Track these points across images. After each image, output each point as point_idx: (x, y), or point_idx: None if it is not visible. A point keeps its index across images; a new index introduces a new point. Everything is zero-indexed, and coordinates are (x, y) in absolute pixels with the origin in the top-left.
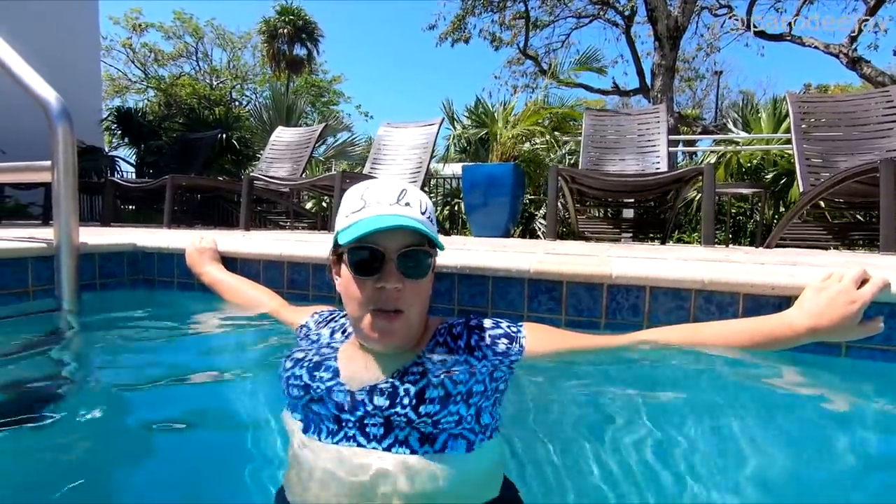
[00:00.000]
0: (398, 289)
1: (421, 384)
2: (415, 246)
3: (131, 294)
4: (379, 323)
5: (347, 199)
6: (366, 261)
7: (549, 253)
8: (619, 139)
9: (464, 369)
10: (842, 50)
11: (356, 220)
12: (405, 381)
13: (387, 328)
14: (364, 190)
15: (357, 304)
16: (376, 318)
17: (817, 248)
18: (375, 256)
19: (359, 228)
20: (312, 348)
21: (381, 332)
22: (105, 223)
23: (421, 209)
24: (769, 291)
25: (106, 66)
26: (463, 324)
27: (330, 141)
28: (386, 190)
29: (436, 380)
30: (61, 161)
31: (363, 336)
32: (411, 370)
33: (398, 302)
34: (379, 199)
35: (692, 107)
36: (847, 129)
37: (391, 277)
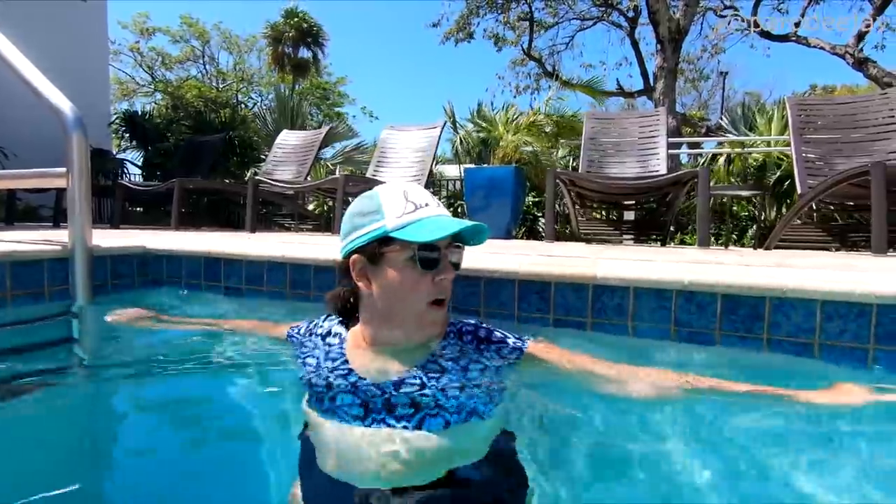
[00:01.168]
0: (450, 280)
1: (443, 380)
2: (456, 242)
3: (141, 294)
4: (435, 314)
5: (389, 199)
6: (435, 259)
7: (542, 255)
8: (619, 142)
9: (475, 368)
10: (848, 50)
11: (415, 219)
12: (430, 375)
13: (442, 317)
14: (403, 191)
15: (416, 299)
16: (433, 309)
17: (817, 250)
18: (438, 254)
19: (431, 228)
20: (319, 354)
21: (437, 322)
22: (115, 226)
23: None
24: (746, 291)
25: (114, 69)
26: (472, 332)
27: (338, 146)
28: (423, 192)
29: (454, 375)
30: (76, 167)
31: (416, 328)
32: (429, 366)
33: (449, 289)
34: (426, 201)
35: (698, 107)
36: (846, 131)
37: (448, 269)
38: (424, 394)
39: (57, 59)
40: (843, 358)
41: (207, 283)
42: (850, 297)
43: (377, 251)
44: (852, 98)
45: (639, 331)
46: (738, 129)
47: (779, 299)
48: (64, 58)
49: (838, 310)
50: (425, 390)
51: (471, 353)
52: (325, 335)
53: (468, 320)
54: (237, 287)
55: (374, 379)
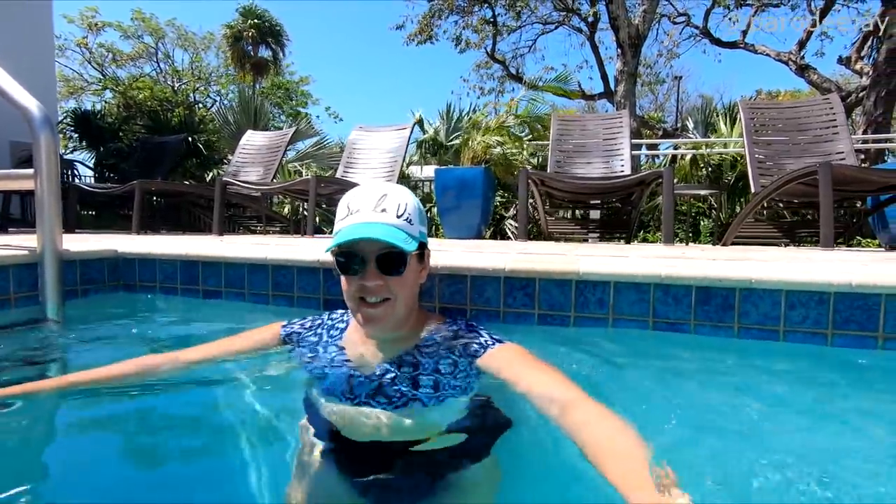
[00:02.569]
0: (379, 285)
1: (415, 373)
2: (389, 248)
3: (113, 299)
4: (366, 311)
5: (341, 205)
6: (347, 264)
7: (521, 253)
8: (585, 143)
9: (445, 362)
10: (791, 57)
11: (341, 227)
12: (399, 365)
13: (372, 314)
14: (350, 198)
15: (347, 297)
16: (363, 306)
17: (769, 245)
18: (355, 260)
19: (339, 237)
20: (321, 347)
21: (368, 318)
22: (69, 230)
23: (398, 212)
24: (717, 283)
25: (60, 66)
26: (455, 330)
27: (300, 146)
28: (367, 197)
29: (428, 369)
30: (44, 169)
31: (358, 322)
32: (405, 358)
33: (381, 294)
34: (360, 207)
35: (654, 110)
36: (793, 133)
37: (371, 276)
38: (396, 387)
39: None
40: (805, 342)
41: (184, 286)
42: (811, 286)
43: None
44: (798, 102)
45: (619, 323)
46: (696, 131)
47: (748, 290)
48: (5, 52)
49: (800, 298)
50: (396, 385)
51: (444, 348)
52: (329, 328)
53: (462, 319)
54: (216, 290)
55: (362, 369)
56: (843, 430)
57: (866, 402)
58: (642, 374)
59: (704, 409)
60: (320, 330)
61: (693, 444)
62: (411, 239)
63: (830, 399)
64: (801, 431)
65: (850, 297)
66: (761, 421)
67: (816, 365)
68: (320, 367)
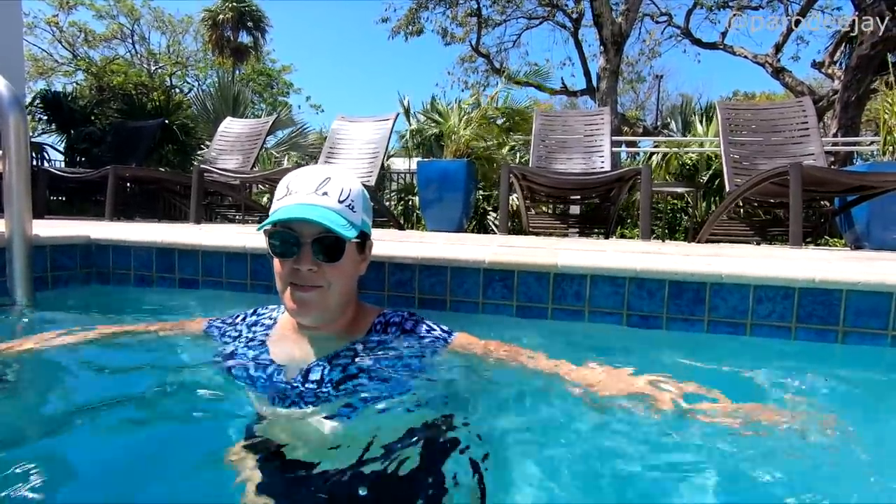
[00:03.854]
0: (313, 270)
1: (349, 370)
2: (326, 233)
3: (85, 288)
4: (296, 294)
5: (280, 186)
6: (280, 244)
7: (502, 246)
8: (566, 139)
9: (391, 356)
10: (767, 60)
11: (279, 206)
12: (334, 365)
13: (303, 299)
14: (292, 178)
15: (278, 280)
16: (294, 290)
17: (742, 243)
18: (290, 241)
19: (274, 216)
20: (240, 342)
21: (299, 303)
22: (38, 215)
23: (340, 197)
24: (689, 277)
25: (28, 44)
26: (398, 324)
27: (280, 134)
28: (309, 178)
29: (372, 369)
30: (13, 151)
31: (288, 308)
32: (342, 354)
33: (314, 280)
34: (300, 188)
35: (635, 108)
36: (767, 134)
37: (305, 260)
38: (326, 383)
39: None
40: (770, 335)
41: (160, 275)
42: (776, 281)
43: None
44: (773, 104)
45: (594, 315)
46: (675, 130)
47: (718, 284)
48: None
49: (767, 293)
50: (324, 387)
51: (390, 345)
52: (252, 324)
53: (397, 311)
54: (193, 279)
55: (287, 369)
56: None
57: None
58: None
59: None
60: (241, 326)
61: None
62: (351, 226)
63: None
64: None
65: (813, 292)
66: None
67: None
68: (242, 365)
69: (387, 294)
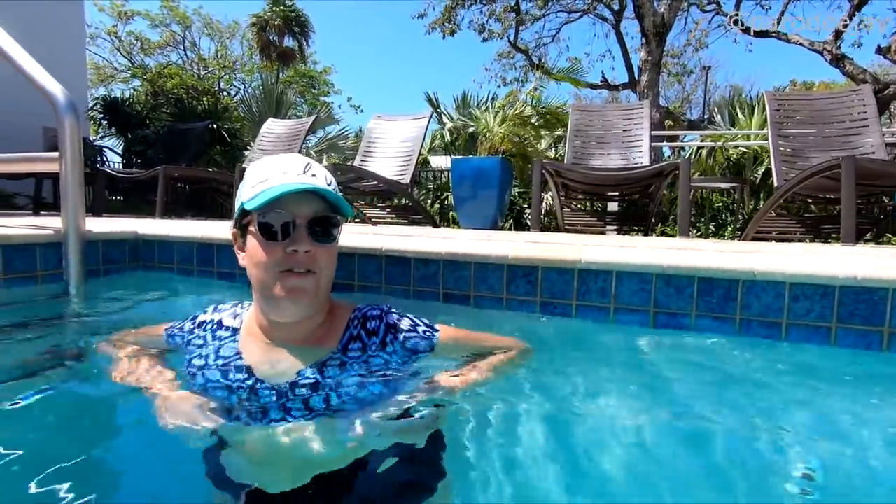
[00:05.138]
0: (309, 252)
1: (340, 378)
2: (324, 213)
3: (133, 279)
4: (290, 281)
5: (253, 171)
6: (277, 225)
7: (528, 242)
8: (603, 134)
9: (377, 363)
10: (825, 47)
11: (264, 188)
12: (325, 376)
13: (297, 286)
14: (270, 163)
15: (265, 269)
16: (287, 277)
17: (793, 241)
18: (286, 221)
19: (267, 194)
20: (209, 351)
21: (292, 291)
22: (97, 213)
23: (326, 181)
24: (719, 274)
25: (91, 54)
26: (378, 318)
27: (320, 134)
28: (292, 162)
29: (353, 377)
30: (69, 152)
31: (272, 303)
32: (330, 363)
33: (310, 264)
34: (286, 170)
35: (681, 102)
36: (822, 126)
37: (304, 241)
38: (318, 395)
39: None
40: (809, 336)
41: (200, 268)
42: (813, 278)
43: (240, 224)
44: (828, 94)
45: (620, 313)
46: (721, 124)
47: (750, 281)
48: (39, 41)
49: (804, 291)
50: (319, 391)
51: (374, 346)
52: (216, 328)
53: (374, 307)
54: (230, 272)
55: (270, 378)
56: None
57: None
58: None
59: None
60: (205, 332)
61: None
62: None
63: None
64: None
65: (855, 290)
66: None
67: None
68: (216, 378)
69: (412, 289)
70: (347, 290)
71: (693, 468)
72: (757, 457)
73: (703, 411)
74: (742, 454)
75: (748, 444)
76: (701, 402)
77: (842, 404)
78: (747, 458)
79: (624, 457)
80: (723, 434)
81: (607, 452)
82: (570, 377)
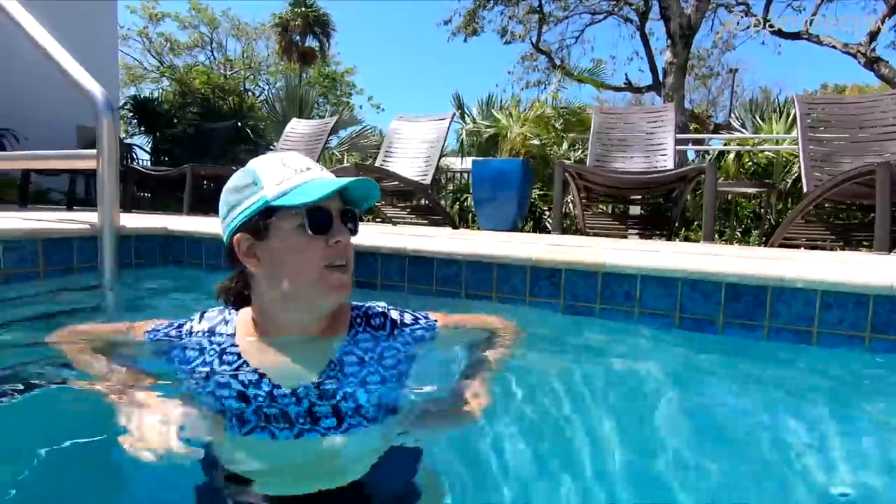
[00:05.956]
0: (350, 244)
1: (362, 374)
2: (347, 206)
3: (163, 273)
4: (337, 277)
5: (266, 168)
6: (324, 218)
7: (550, 244)
8: (626, 137)
9: (392, 355)
10: (860, 49)
11: (297, 183)
12: (347, 371)
13: (345, 280)
14: (280, 159)
15: (310, 266)
16: (333, 273)
17: (822, 249)
18: (325, 217)
19: (315, 188)
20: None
21: (342, 285)
22: (127, 210)
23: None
24: (748, 280)
25: (122, 54)
26: (381, 315)
27: (343, 134)
28: (303, 158)
29: (372, 368)
30: (106, 149)
31: (319, 296)
32: (347, 360)
33: (347, 256)
34: (307, 165)
35: (707, 104)
36: (854, 130)
37: (344, 232)
38: (344, 397)
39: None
40: (840, 345)
41: (227, 264)
42: (847, 287)
43: (261, 224)
44: (861, 98)
45: (644, 317)
46: (748, 127)
47: (780, 288)
48: (73, 41)
49: (837, 299)
50: (345, 388)
51: (383, 340)
52: (209, 335)
53: (372, 306)
54: None
55: (287, 382)
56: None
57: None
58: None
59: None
60: (199, 338)
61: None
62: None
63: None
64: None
65: (892, 300)
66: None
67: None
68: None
69: (434, 289)
70: (370, 289)
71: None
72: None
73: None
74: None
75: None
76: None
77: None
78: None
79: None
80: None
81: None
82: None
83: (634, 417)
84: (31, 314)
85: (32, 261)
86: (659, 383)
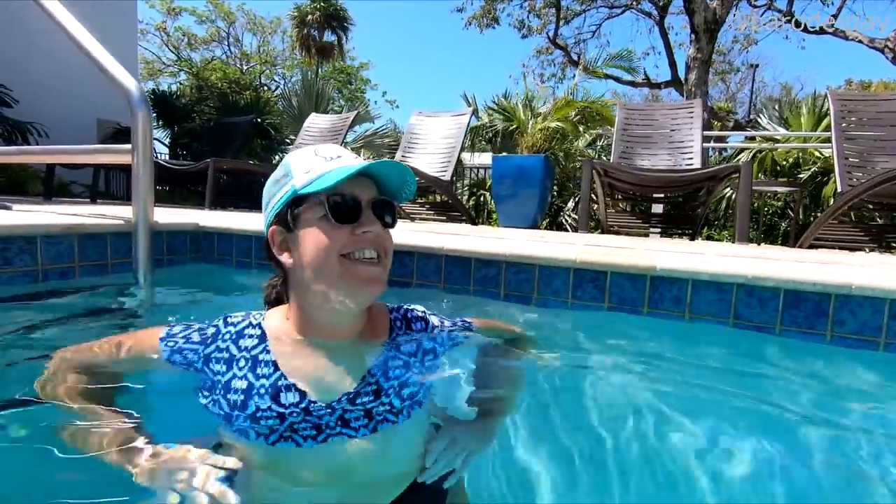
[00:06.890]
0: (380, 233)
1: (402, 378)
2: (382, 197)
3: (194, 269)
4: (363, 269)
5: (298, 159)
6: (346, 206)
7: (588, 245)
8: (651, 133)
9: (430, 358)
10: (887, 44)
11: (324, 171)
12: (390, 376)
13: (372, 273)
14: (314, 149)
15: (328, 255)
16: (359, 265)
17: (852, 250)
18: (351, 203)
19: (338, 174)
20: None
21: (370, 279)
22: None
23: None
24: (810, 287)
25: (141, 48)
26: (422, 320)
27: (359, 130)
28: (338, 148)
29: (414, 369)
30: (140, 144)
31: (346, 291)
32: (391, 364)
33: (379, 247)
34: (339, 154)
35: (726, 100)
36: (890, 128)
37: (373, 222)
38: (382, 402)
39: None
40: None
41: (258, 261)
42: None
43: (290, 215)
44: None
45: (696, 323)
46: (773, 124)
47: (845, 296)
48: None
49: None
50: (381, 398)
51: (424, 340)
52: (237, 339)
53: (411, 308)
54: None
55: (324, 397)
56: None
57: None
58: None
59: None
60: (226, 343)
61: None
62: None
63: None
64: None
65: None
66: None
67: None
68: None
69: (472, 289)
70: (405, 287)
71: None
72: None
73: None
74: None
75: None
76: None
77: None
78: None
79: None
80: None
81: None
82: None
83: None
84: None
85: (69, 256)
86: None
